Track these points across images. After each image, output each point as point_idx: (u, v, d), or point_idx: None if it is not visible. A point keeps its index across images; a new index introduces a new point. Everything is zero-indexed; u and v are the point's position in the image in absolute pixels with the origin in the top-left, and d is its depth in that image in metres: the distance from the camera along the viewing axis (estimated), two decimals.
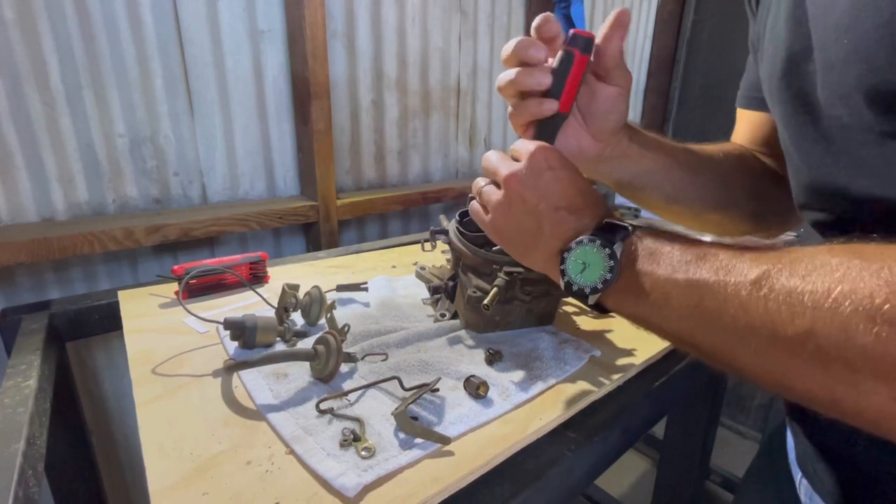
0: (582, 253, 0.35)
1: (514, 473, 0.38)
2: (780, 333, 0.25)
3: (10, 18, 0.69)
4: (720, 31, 1.76)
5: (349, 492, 0.33)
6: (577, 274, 0.35)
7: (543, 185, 0.37)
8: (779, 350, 0.26)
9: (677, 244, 0.32)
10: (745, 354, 0.27)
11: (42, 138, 0.74)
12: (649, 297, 0.32)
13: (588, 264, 0.35)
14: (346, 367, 0.49)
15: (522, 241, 0.39)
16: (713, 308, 0.28)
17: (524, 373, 0.50)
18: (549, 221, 0.37)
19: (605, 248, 0.34)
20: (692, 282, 0.30)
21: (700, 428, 0.81)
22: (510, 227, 0.39)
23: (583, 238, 0.35)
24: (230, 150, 0.94)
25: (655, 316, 0.32)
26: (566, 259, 0.36)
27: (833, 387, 0.24)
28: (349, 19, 1.04)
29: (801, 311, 0.24)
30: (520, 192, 0.38)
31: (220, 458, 0.37)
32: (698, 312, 0.29)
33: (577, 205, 0.37)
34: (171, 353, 0.52)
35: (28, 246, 0.68)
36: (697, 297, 0.29)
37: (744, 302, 0.27)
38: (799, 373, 0.25)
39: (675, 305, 0.31)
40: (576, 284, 0.35)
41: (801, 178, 0.37)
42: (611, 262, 0.34)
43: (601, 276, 0.34)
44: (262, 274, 0.72)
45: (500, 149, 1.52)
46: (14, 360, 0.54)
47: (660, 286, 0.31)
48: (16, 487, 0.35)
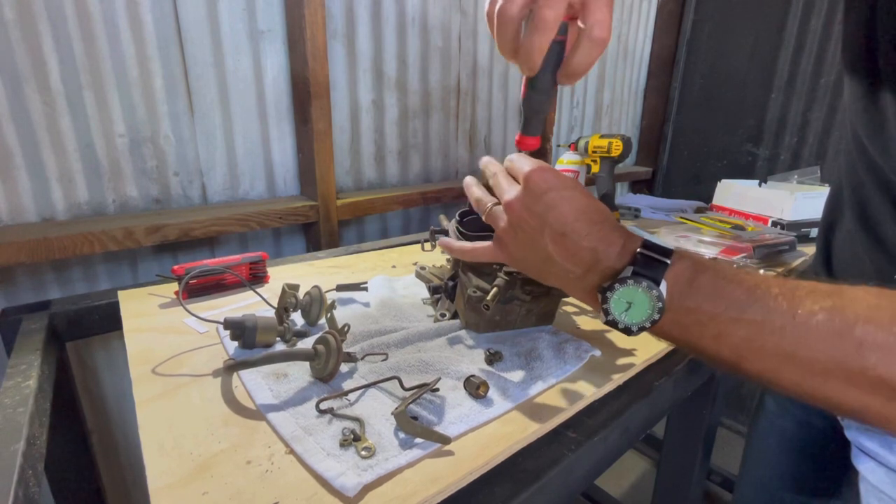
0: (626, 293, 0.34)
1: (514, 473, 0.38)
2: (844, 366, 0.28)
3: (10, 18, 0.69)
4: (720, 31, 1.76)
5: (349, 491, 0.33)
6: (622, 313, 0.34)
7: (546, 207, 0.37)
8: (838, 380, 0.29)
9: (720, 276, 0.33)
10: (797, 378, 0.30)
11: (42, 138, 0.74)
12: (699, 331, 0.33)
13: (633, 304, 0.34)
14: (346, 367, 0.49)
15: (536, 265, 0.39)
16: (771, 342, 0.30)
17: (524, 373, 0.50)
18: (558, 249, 0.36)
19: (651, 289, 0.33)
20: (747, 320, 0.31)
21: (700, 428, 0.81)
22: (521, 252, 0.39)
23: (626, 277, 0.34)
24: (230, 150, 0.94)
25: (701, 345, 0.33)
26: (609, 299, 0.35)
27: (887, 411, 0.28)
28: (349, 19, 1.04)
29: (868, 346, 0.28)
30: (524, 218, 0.37)
31: (219, 457, 0.37)
32: (753, 345, 0.31)
33: (582, 229, 0.36)
34: (171, 353, 0.52)
35: (28, 246, 0.68)
36: (754, 331, 0.31)
37: (803, 337, 0.29)
38: (852, 397, 0.29)
39: (727, 340, 0.32)
40: (621, 323, 0.35)
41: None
42: (659, 303, 0.33)
43: (648, 317, 0.34)
44: (262, 274, 0.72)
45: (499, 149, 1.52)
46: (14, 360, 0.53)
47: (710, 322, 0.32)
48: (16, 487, 0.35)
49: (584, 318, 0.64)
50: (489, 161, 0.45)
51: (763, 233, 1.03)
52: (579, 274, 0.37)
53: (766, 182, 1.33)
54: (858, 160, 0.46)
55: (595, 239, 0.36)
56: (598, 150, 1.10)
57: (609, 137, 1.09)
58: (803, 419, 0.63)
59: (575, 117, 1.72)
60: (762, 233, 1.03)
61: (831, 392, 0.30)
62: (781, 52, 1.61)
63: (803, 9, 1.55)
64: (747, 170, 1.73)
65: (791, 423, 0.65)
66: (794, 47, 1.58)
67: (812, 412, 0.61)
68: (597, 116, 1.80)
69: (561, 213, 0.36)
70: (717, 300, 0.32)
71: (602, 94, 1.79)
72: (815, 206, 1.11)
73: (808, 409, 0.61)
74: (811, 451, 0.63)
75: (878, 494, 0.44)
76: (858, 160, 0.46)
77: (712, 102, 1.79)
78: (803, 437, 0.63)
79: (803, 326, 0.29)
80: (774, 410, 0.67)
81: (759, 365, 0.31)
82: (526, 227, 0.37)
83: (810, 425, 0.62)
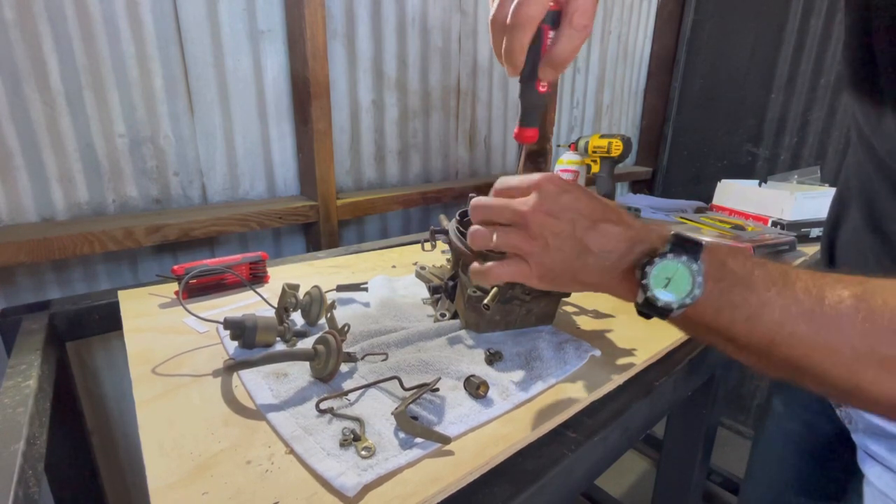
0: (664, 268, 0.34)
1: (514, 473, 0.38)
2: (876, 352, 0.28)
3: (10, 18, 0.69)
4: (720, 31, 1.76)
5: (349, 491, 0.33)
6: (661, 288, 0.34)
7: (568, 205, 0.37)
8: (870, 366, 0.29)
9: (751, 262, 0.34)
10: (828, 366, 0.30)
11: (42, 138, 0.74)
12: (732, 314, 0.33)
13: (672, 279, 0.34)
14: (346, 367, 0.49)
15: (569, 268, 0.37)
16: (802, 327, 0.30)
17: (524, 372, 0.50)
18: (594, 237, 0.36)
19: (691, 264, 0.33)
20: (780, 304, 0.31)
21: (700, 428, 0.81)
22: (551, 257, 0.37)
23: (667, 252, 0.34)
24: (230, 150, 0.94)
25: (733, 330, 0.33)
26: (648, 274, 0.34)
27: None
28: (349, 19, 1.04)
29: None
30: (548, 222, 0.37)
31: (219, 457, 0.37)
32: (784, 330, 0.31)
33: (612, 216, 0.37)
34: (171, 353, 0.52)
35: (28, 246, 0.68)
36: (786, 315, 0.31)
37: (833, 321, 0.30)
38: (886, 384, 0.29)
39: (759, 324, 0.32)
40: (660, 300, 0.34)
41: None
42: (699, 277, 0.33)
43: (689, 292, 0.33)
44: (262, 274, 0.72)
45: (499, 149, 1.52)
46: (14, 360, 0.53)
47: (744, 304, 0.32)
48: (16, 487, 0.35)
49: (585, 319, 0.64)
50: (477, 199, 0.42)
51: (763, 233, 1.03)
52: (618, 256, 0.36)
53: (766, 182, 1.33)
54: (865, 156, 0.46)
55: (630, 221, 0.37)
56: (598, 150, 1.10)
57: (609, 137, 1.09)
58: (811, 421, 0.62)
59: (575, 117, 1.72)
60: (762, 233, 1.03)
61: (864, 380, 0.29)
62: (781, 52, 1.61)
63: (803, 9, 1.55)
64: (747, 170, 1.73)
65: (798, 425, 0.64)
66: (794, 47, 1.58)
67: (819, 414, 0.60)
68: (597, 116, 1.80)
69: (587, 205, 0.37)
70: (749, 283, 0.32)
71: (602, 94, 1.79)
72: (815, 206, 1.11)
73: (815, 412, 0.61)
74: (818, 453, 0.62)
75: (884, 499, 0.44)
76: (865, 156, 0.46)
77: (712, 102, 1.79)
78: (810, 439, 0.63)
79: (833, 311, 0.30)
80: (781, 412, 0.67)
81: (790, 351, 0.31)
82: (554, 228, 0.37)
83: (817, 428, 0.61)
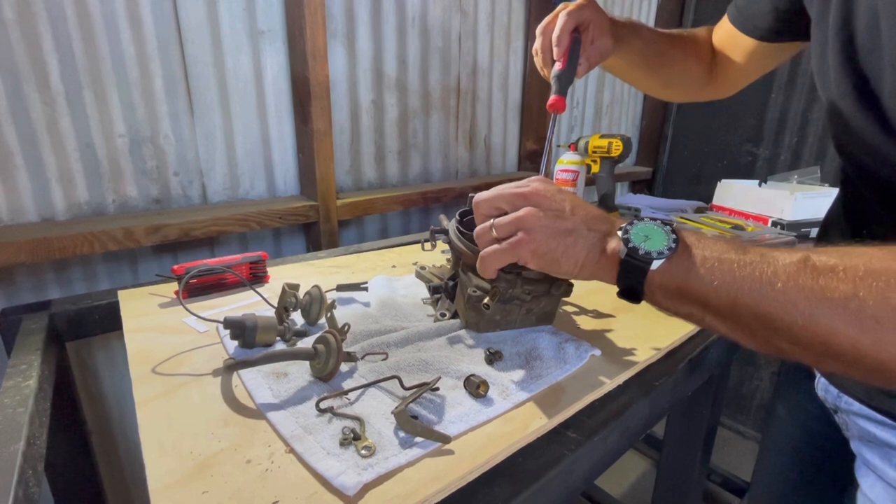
0: (642, 228, 0.40)
1: (514, 473, 0.38)
2: (828, 297, 0.31)
3: (10, 18, 0.69)
4: None
5: (349, 490, 0.33)
6: (641, 242, 0.39)
7: (562, 192, 0.43)
8: (825, 309, 0.31)
9: (713, 237, 0.38)
10: (790, 316, 0.32)
11: (42, 138, 0.74)
12: (701, 269, 0.36)
13: (650, 236, 0.39)
14: (346, 367, 0.49)
15: (561, 243, 0.41)
16: (764, 280, 0.33)
17: (524, 372, 0.50)
18: (584, 213, 0.42)
19: (665, 225, 0.39)
20: (743, 260, 0.35)
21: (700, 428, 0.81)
22: (548, 233, 0.41)
23: (643, 217, 0.41)
24: (230, 150, 0.94)
25: (704, 288, 0.36)
26: (629, 230, 0.40)
27: (859, 340, 0.30)
28: (349, 19, 1.04)
29: (843, 279, 0.31)
30: (546, 199, 0.42)
31: (219, 456, 0.37)
32: (748, 284, 0.34)
33: (598, 212, 0.43)
34: (171, 353, 0.52)
35: (28, 246, 0.68)
36: (749, 270, 0.34)
37: (792, 274, 0.33)
38: (837, 329, 0.31)
39: (727, 278, 0.35)
40: (641, 249, 0.38)
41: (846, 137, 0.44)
42: (672, 234, 0.38)
43: (665, 245, 0.38)
44: (262, 274, 0.72)
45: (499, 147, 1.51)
46: (14, 360, 0.54)
47: (712, 262, 0.36)
48: (16, 487, 0.35)
49: (584, 319, 0.64)
50: (479, 194, 0.47)
51: (763, 233, 1.04)
52: (602, 234, 0.41)
53: (766, 182, 1.33)
54: (842, 153, 0.49)
55: (619, 220, 0.43)
56: (598, 150, 1.10)
57: (609, 137, 1.09)
58: (812, 429, 0.62)
59: (575, 117, 1.72)
60: (762, 233, 1.04)
61: (841, 338, 0.31)
62: None
63: None
64: (747, 170, 1.72)
65: (798, 430, 0.64)
66: None
67: (819, 420, 0.60)
68: (597, 116, 1.80)
69: (578, 200, 0.43)
70: (725, 247, 0.36)
71: (602, 94, 1.79)
72: (815, 206, 1.11)
73: (814, 418, 0.60)
74: (818, 461, 0.62)
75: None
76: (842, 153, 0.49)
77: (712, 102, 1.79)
78: (810, 446, 0.63)
79: (811, 269, 0.32)
80: (784, 417, 0.67)
81: (756, 308, 0.34)
82: (551, 204, 0.42)
83: (817, 434, 0.61)
